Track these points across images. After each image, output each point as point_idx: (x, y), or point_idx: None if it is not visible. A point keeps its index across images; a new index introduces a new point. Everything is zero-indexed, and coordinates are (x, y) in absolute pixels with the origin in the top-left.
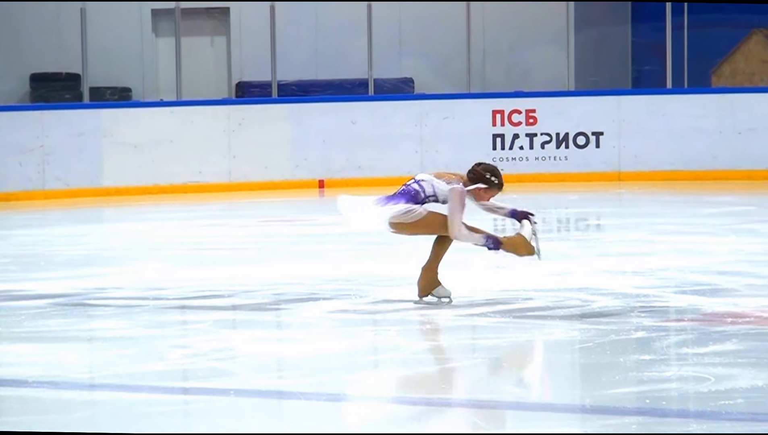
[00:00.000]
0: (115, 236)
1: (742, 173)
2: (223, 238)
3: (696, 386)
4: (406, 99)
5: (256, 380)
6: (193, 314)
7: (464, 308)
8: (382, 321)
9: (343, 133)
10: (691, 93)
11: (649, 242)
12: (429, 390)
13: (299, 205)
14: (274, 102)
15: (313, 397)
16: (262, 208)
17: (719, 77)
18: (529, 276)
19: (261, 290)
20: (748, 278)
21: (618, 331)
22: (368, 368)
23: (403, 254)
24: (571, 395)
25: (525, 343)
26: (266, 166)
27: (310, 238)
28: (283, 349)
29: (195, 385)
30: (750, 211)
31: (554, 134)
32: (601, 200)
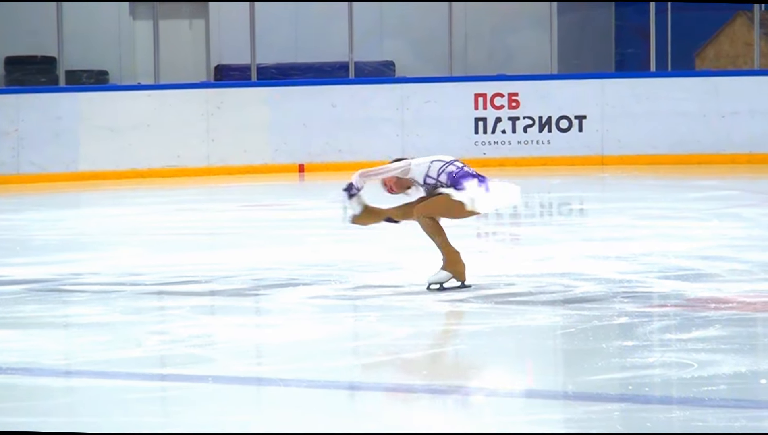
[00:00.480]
0: (92, 221)
1: (725, 157)
2: (202, 222)
3: (679, 372)
4: (387, 82)
5: (235, 367)
6: (170, 300)
7: (446, 294)
8: (362, 307)
9: (323, 117)
10: (675, 76)
11: (632, 227)
12: (410, 377)
13: (279, 190)
14: (253, 85)
15: (293, 384)
16: (241, 192)
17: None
18: (511, 261)
19: (240, 276)
20: (732, 263)
21: (601, 316)
22: (348, 355)
23: (383, 239)
24: (553, 382)
25: (507, 329)
26: (245, 150)
27: (290, 223)
28: (263, 335)
29: (172, 372)
30: (734, 196)
31: (537, 118)
32: (584, 184)
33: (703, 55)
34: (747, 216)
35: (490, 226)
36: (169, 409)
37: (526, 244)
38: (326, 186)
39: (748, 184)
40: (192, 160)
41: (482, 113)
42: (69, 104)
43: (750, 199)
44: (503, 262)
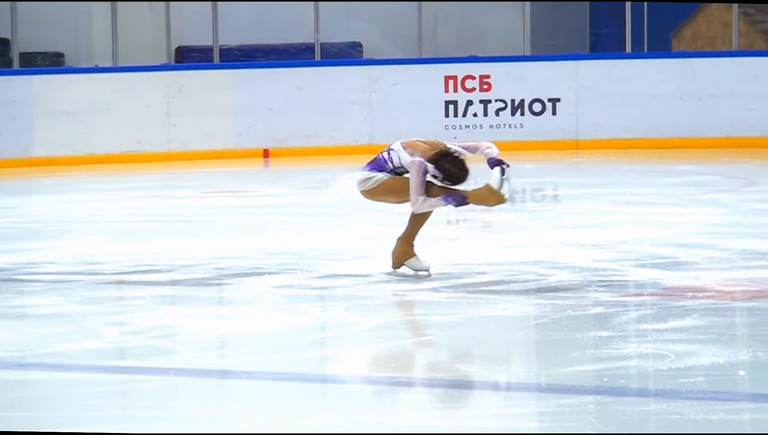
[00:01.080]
0: (48, 208)
1: (703, 141)
2: (163, 210)
3: (655, 364)
4: (354, 64)
5: (198, 359)
6: (130, 290)
7: (415, 283)
8: (329, 297)
9: (288, 100)
10: (652, 57)
11: (607, 213)
12: (378, 369)
13: (243, 176)
14: (216, 68)
15: (258, 377)
16: (204, 178)
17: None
18: (482, 249)
19: (202, 265)
20: (710, 251)
21: (575, 306)
22: (315, 346)
23: (351, 227)
24: (526, 374)
25: (478, 320)
26: (208, 135)
27: (255, 210)
28: (226, 326)
29: (132, 364)
30: (712, 181)
31: (509, 101)
32: (558, 170)
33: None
34: (725, 202)
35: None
36: (129, 403)
37: (498, 231)
38: (292, 172)
39: (726, 168)
40: (152, 145)
41: (453, 96)
42: (23, 88)
43: (728, 185)
44: (474, 250)
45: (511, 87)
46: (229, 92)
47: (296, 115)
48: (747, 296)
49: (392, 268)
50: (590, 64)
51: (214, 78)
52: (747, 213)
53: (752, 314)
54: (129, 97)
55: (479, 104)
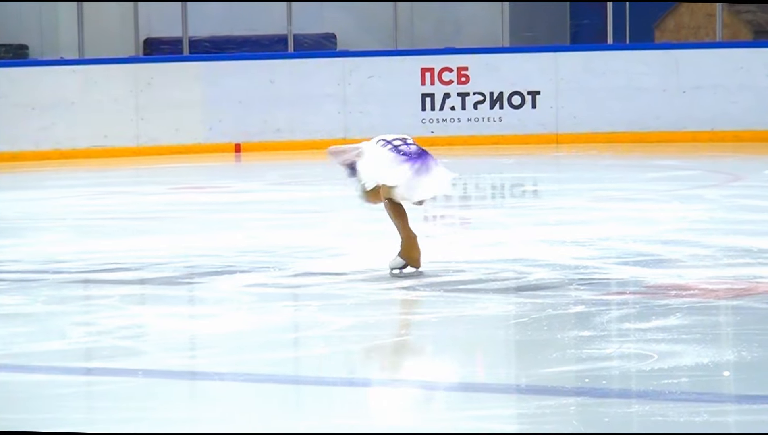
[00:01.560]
0: (11, 205)
1: (687, 135)
2: (131, 206)
3: (638, 364)
4: (328, 56)
5: (167, 360)
6: (97, 289)
7: (391, 281)
8: (303, 296)
9: (260, 93)
10: (633, 49)
11: (588, 209)
12: (353, 370)
13: (213, 171)
14: (185, 60)
15: (229, 378)
16: (173, 174)
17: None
18: (460, 246)
19: (172, 263)
20: (693, 248)
21: (555, 305)
22: (288, 347)
23: (325, 224)
24: (505, 374)
25: (456, 319)
26: (177, 129)
27: (226, 207)
28: (196, 326)
29: (99, 366)
30: (695, 176)
31: (488, 94)
32: (538, 164)
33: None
34: (709, 197)
35: (438, 208)
36: (96, 405)
37: (477, 228)
38: (264, 167)
39: (710, 163)
40: (120, 139)
41: (429, 89)
42: None
43: (712, 180)
44: (452, 248)
45: (489, 79)
46: (199, 85)
47: (268, 108)
48: (731, 294)
49: (418, 269)
50: (570, 55)
51: (184, 70)
52: (731, 209)
53: (737, 313)
54: (96, 91)
55: (457, 97)
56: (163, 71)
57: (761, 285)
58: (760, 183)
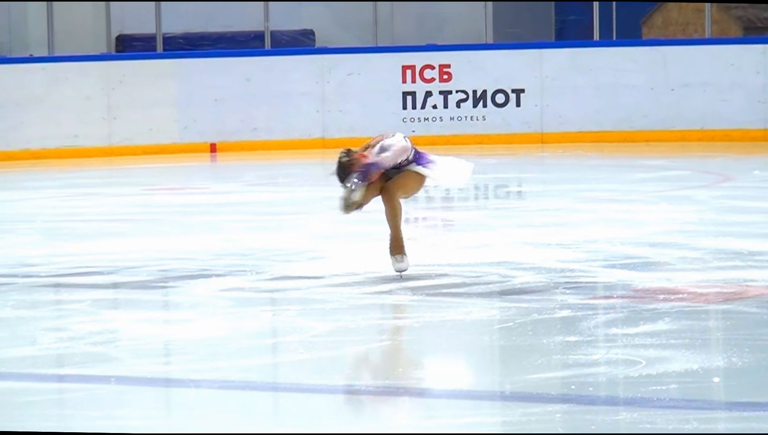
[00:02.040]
0: None
1: (675, 134)
2: (103, 208)
3: (626, 370)
4: (306, 53)
5: (141, 366)
6: (68, 293)
7: (371, 285)
8: (281, 300)
9: (236, 92)
10: (620, 46)
11: (574, 211)
12: (333, 376)
13: (188, 172)
14: (159, 57)
15: (205, 385)
16: (147, 175)
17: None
18: (443, 249)
19: (146, 266)
20: (682, 251)
21: (541, 309)
22: (266, 353)
23: (304, 226)
24: (489, 381)
25: (438, 324)
26: (151, 129)
27: (201, 208)
28: (171, 331)
29: (71, 372)
30: (684, 176)
31: (471, 92)
32: (523, 165)
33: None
34: (699, 198)
35: (420, 210)
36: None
37: (460, 230)
38: (240, 167)
39: (699, 163)
40: (92, 139)
41: (411, 87)
42: None
43: (702, 180)
44: (435, 250)
45: (472, 77)
46: (174, 83)
47: (245, 107)
48: (721, 298)
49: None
50: (556, 52)
51: (158, 68)
52: (721, 210)
53: (727, 317)
54: (66, 89)
55: (439, 95)
56: (136, 69)
57: (752, 288)
58: (751, 184)
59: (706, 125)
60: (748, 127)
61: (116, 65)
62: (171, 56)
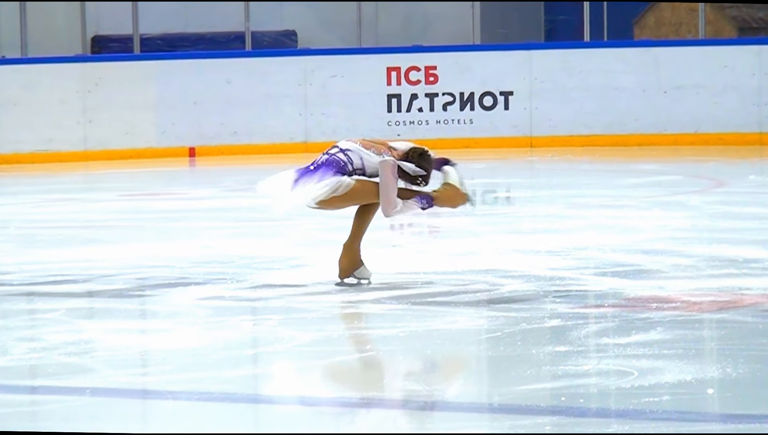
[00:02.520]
0: None
1: (668, 138)
2: (78, 215)
3: (617, 381)
4: (288, 55)
5: (117, 377)
6: (42, 302)
7: (355, 294)
8: (262, 309)
9: (216, 94)
10: (612, 47)
11: (564, 217)
12: (315, 388)
13: (167, 177)
14: (136, 59)
15: (183, 397)
16: (124, 180)
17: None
18: (429, 256)
19: (122, 274)
20: (675, 258)
21: (530, 318)
22: (246, 363)
23: (285, 233)
24: (477, 392)
25: (424, 333)
26: (128, 133)
27: (180, 215)
28: (148, 341)
29: (44, 384)
30: (677, 181)
31: (457, 94)
32: (511, 169)
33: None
34: (692, 204)
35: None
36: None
37: (446, 237)
38: (220, 172)
39: (693, 168)
40: (67, 143)
41: (396, 89)
42: None
43: (695, 185)
44: (420, 258)
45: (459, 79)
46: (151, 86)
47: (225, 110)
48: (715, 307)
49: (339, 278)
50: (545, 54)
51: (135, 70)
52: (715, 216)
53: (721, 327)
54: (40, 92)
55: (425, 98)
56: (113, 71)
57: (747, 297)
58: (746, 189)
59: (699, 128)
60: (743, 131)
61: (92, 67)
62: (148, 58)
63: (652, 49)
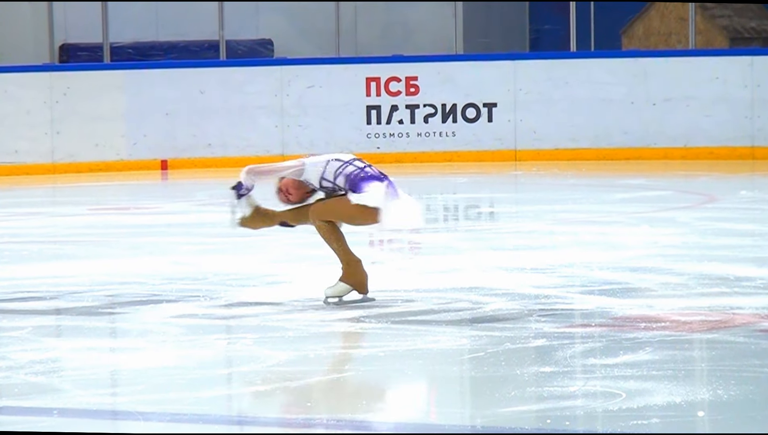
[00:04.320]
0: None
1: (657, 151)
2: (45, 229)
3: (605, 403)
4: (264, 64)
5: (86, 397)
6: (7, 320)
7: (334, 312)
8: (236, 327)
9: (189, 105)
10: (599, 57)
11: (550, 234)
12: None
13: (137, 190)
14: (106, 68)
15: (155, 418)
16: (93, 193)
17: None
18: (410, 274)
19: (91, 291)
20: (664, 276)
21: (514, 338)
22: (220, 384)
23: (261, 249)
24: (459, 414)
25: (405, 353)
26: (97, 144)
27: (151, 230)
28: (118, 360)
29: (10, 404)
30: (666, 197)
31: (439, 106)
32: (495, 184)
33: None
34: (682, 220)
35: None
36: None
37: (428, 253)
38: (193, 186)
39: (682, 183)
40: (33, 156)
41: (375, 100)
42: None
43: (685, 201)
44: (401, 275)
45: (441, 90)
46: (122, 96)
47: (198, 121)
48: (706, 327)
49: (365, 295)
50: (530, 64)
51: (104, 79)
52: (705, 233)
53: (712, 347)
54: (5, 102)
55: (405, 110)
56: (82, 80)
57: (738, 316)
58: (737, 205)
59: (689, 142)
60: (734, 145)
61: (60, 76)
62: (119, 67)
63: (640, 60)
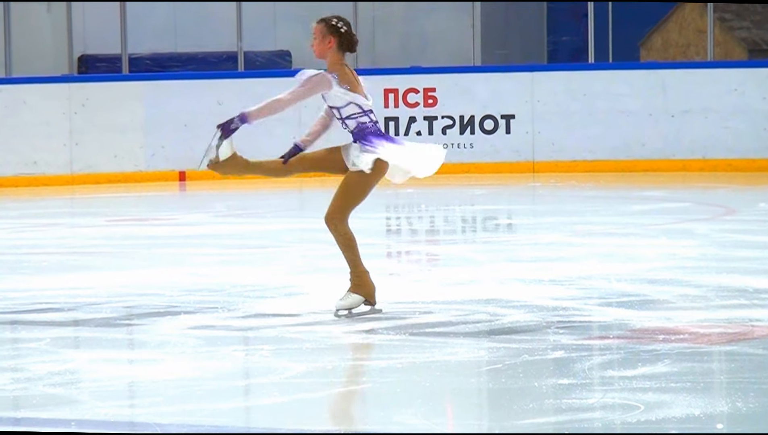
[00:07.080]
0: None
1: (675, 163)
2: (64, 240)
3: (623, 415)
4: (281, 75)
5: (103, 409)
6: (26, 331)
7: (351, 324)
8: (254, 339)
9: (207, 116)
10: (617, 69)
11: (568, 245)
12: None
13: (156, 202)
14: (124, 79)
15: (172, 429)
16: (111, 204)
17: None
18: (427, 285)
19: (109, 302)
20: (683, 288)
21: (532, 350)
22: (238, 395)
23: (278, 260)
24: (477, 426)
25: (423, 365)
26: (116, 155)
27: (169, 241)
28: (136, 372)
29: (28, 415)
30: (684, 209)
31: (457, 117)
32: (513, 195)
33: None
34: (700, 232)
35: (403, 243)
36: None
37: (446, 265)
38: (211, 197)
39: (701, 195)
40: (52, 166)
41: (393, 112)
42: None
43: (703, 213)
44: (419, 287)
45: (459, 102)
46: (140, 107)
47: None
48: (725, 339)
49: (373, 305)
50: (548, 76)
51: (123, 91)
52: (724, 245)
53: (731, 359)
54: (25, 113)
55: (423, 121)
56: (100, 91)
57: (757, 328)
58: (756, 216)
59: (707, 154)
60: (753, 156)
61: (79, 87)
62: (137, 78)
63: (658, 72)
